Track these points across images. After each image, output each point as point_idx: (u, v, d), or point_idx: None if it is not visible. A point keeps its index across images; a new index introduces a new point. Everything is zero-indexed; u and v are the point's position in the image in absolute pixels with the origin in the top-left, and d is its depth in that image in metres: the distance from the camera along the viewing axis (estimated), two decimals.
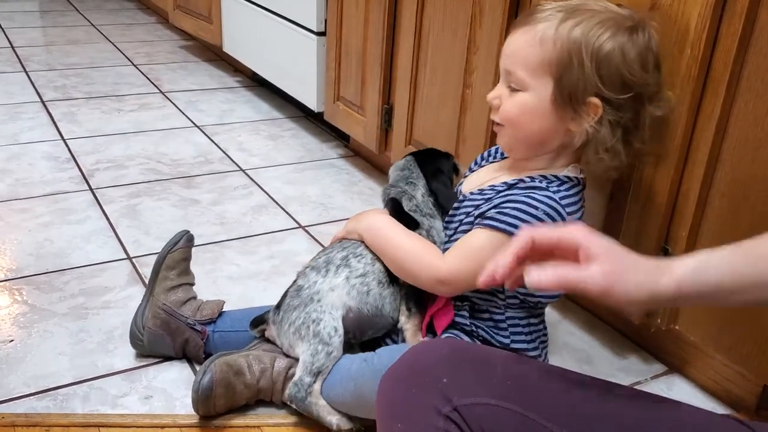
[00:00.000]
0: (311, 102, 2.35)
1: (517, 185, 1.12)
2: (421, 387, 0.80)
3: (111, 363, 1.34)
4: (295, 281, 1.26)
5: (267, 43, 2.60)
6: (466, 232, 1.15)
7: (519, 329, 1.16)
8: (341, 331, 1.18)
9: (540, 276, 0.74)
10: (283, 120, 2.65)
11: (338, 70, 2.19)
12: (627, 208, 1.31)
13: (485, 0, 1.55)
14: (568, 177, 1.12)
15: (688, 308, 1.27)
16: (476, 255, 1.09)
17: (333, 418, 1.17)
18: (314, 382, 1.17)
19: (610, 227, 1.35)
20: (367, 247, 1.23)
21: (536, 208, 1.07)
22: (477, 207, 1.15)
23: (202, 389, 1.17)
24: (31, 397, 1.24)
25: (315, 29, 2.25)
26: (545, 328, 1.22)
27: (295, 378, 1.18)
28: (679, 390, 1.36)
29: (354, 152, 2.38)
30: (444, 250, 1.17)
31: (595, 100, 1.05)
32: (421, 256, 1.16)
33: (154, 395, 1.26)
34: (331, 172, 2.23)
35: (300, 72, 2.38)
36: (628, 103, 1.06)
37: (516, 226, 1.06)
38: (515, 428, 0.79)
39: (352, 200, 2.05)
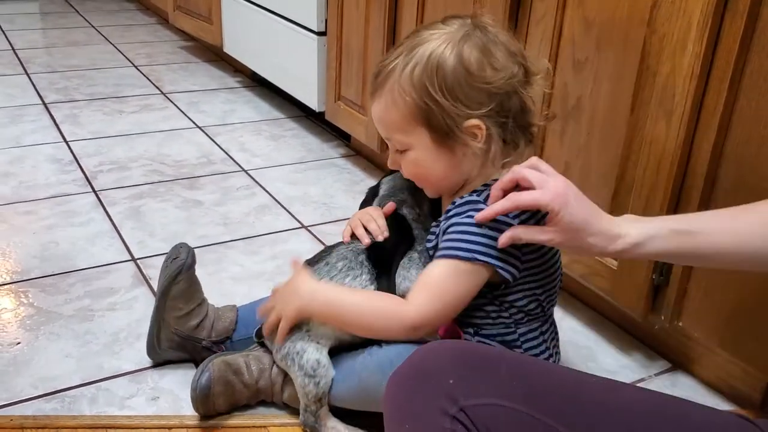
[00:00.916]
0: (312, 102, 2.35)
1: (455, 207, 1.09)
2: (428, 388, 0.81)
3: (117, 365, 1.34)
4: None
5: (267, 44, 2.60)
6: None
7: (533, 343, 1.14)
8: (325, 361, 1.16)
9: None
10: (284, 120, 2.65)
11: (339, 69, 2.19)
12: (630, 205, 1.31)
13: None
14: (496, 180, 1.09)
15: (692, 305, 1.28)
16: (438, 289, 1.07)
17: None
18: (318, 408, 1.17)
19: None
20: (355, 277, 1.18)
21: (480, 225, 1.04)
22: (436, 247, 1.13)
23: (200, 388, 1.18)
24: (39, 399, 1.25)
25: (315, 29, 2.26)
26: (556, 328, 1.22)
27: (302, 405, 1.18)
28: (683, 387, 1.37)
29: (355, 151, 2.38)
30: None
31: (472, 122, 1.04)
32: (383, 310, 1.11)
33: (160, 396, 1.27)
34: (332, 172, 2.23)
35: (301, 72, 2.38)
36: (504, 103, 1.05)
37: (467, 250, 1.04)
38: (521, 428, 0.80)
39: (354, 199, 2.05)
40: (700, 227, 0.93)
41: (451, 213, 1.09)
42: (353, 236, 1.24)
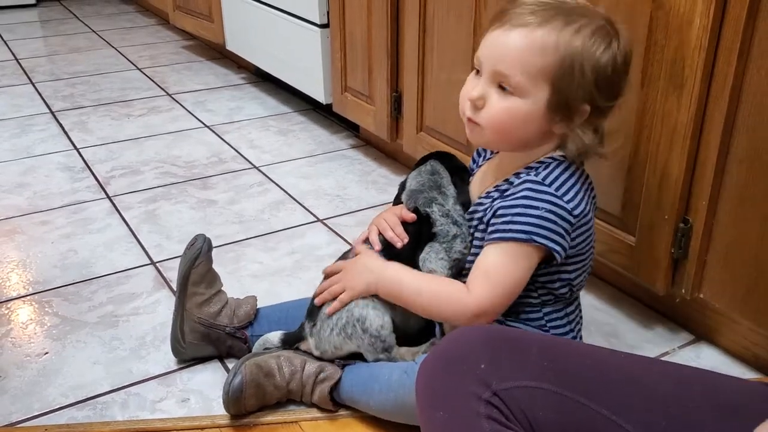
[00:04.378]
0: (319, 94, 2.35)
1: (514, 185, 1.10)
2: (460, 374, 0.82)
3: (146, 369, 1.36)
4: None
5: (270, 39, 2.60)
6: (479, 245, 1.14)
7: (557, 323, 1.16)
8: (389, 325, 1.19)
9: None
10: (292, 114, 2.66)
11: (344, 60, 2.19)
12: (645, 181, 1.31)
13: None
14: (552, 158, 1.11)
15: (712, 276, 1.28)
16: (498, 275, 1.08)
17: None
18: (389, 355, 1.20)
19: (629, 201, 1.36)
20: None
21: (536, 208, 1.06)
22: (480, 220, 1.15)
23: (232, 391, 1.19)
24: (71, 408, 1.26)
25: (318, 21, 2.25)
26: (581, 311, 1.22)
27: (371, 359, 1.21)
28: (708, 358, 1.38)
29: (365, 142, 2.39)
30: (470, 263, 1.16)
31: (586, 107, 1.06)
32: (447, 298, 1.13)
33: (190, 397, 1.28)
34: (343, 164, 2.24)
35: (305, 65, 2.39)
36: (611, 108, 1.09)
37: (524, 232, 1.05)
38: (554, 408, 0.81)
39: (367, 190, 2.06)
40: None
41: (506, 196, 1.10)
42: (366, 241, 1.26)
